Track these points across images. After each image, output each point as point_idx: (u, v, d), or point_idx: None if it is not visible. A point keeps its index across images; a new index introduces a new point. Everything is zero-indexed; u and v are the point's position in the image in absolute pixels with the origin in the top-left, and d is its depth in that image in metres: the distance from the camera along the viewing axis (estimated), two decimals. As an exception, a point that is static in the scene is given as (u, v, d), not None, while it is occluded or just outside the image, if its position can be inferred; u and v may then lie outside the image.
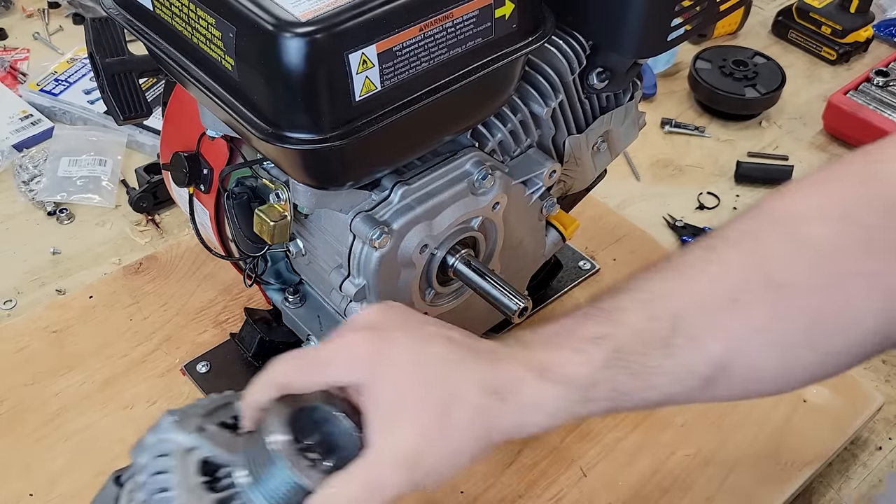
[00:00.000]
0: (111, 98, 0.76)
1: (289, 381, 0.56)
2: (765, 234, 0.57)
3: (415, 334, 0.56)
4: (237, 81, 0.62)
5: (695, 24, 0.76)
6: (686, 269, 0.58)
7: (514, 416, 0.55)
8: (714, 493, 0.84)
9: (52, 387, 0.90)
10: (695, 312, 0.56)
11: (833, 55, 1.47)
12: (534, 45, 0.69)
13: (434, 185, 0.74)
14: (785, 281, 0.55)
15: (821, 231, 0.56)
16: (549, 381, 0.54)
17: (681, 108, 1.38)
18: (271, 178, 0.74)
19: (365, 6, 0.59)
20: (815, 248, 0.56)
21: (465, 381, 0.54)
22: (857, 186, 0.57)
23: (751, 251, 0.57)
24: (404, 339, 0.56)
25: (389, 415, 0.54)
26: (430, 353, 0.55)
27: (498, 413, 0.54)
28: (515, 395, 0.54)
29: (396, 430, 0.53)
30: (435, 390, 0.54)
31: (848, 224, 0.56)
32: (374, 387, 0.54)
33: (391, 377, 0.54)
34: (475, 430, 0.54)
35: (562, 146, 0.84)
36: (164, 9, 0.66)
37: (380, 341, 0.55)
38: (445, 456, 0.54)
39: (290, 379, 0.56)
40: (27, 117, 1.27)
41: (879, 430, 0.95)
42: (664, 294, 0.57)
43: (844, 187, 0.58)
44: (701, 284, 0.57)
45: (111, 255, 1.10)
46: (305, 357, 0.57)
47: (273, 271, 0.88)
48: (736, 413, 0.90)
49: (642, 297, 0.57)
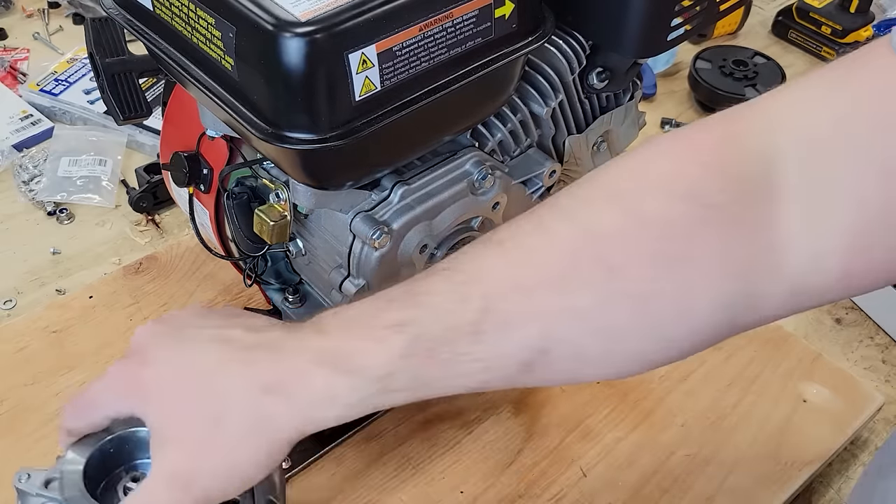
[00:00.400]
0: (111, 98, 0.76)
1: (70, 427, 0.58)
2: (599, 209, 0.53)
3: (182, 349, 0.55)
4: (237, 81, 0.62)
5: (695, 24, 0.76)
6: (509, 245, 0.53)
7: (301, 412, 0.52)
8: (714, 494, 0.84)
9: (52, 387, 0.90)
10: (511, 293, 0.52)
11: (833, 55, 1.46)
12: (534, 45, 0.69)
13: (434, 185, 0.74)
14: (616, 263, 0.51)
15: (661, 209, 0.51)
16: (342, 373, 0.51)
17: (681, 108, 1.38)
18: (271, 178, 0.74)
19: (365, 6, 0.59)
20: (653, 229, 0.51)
21: (236, 387, 0.52)
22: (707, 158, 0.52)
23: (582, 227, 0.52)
24: (168, 357, 0.55)
25: (159, 437, 0.53)
26: (196, 365, 0.54)
27: (279, 412, 0.52)
28: (300, 391, 0.52)
29: (166, 451, 0.52)
30: (203, 403, 0.52)
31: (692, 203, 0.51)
32: (147, 413, 0.54)
33: (156, 400, 0.53)
34: (254, 437, 0.52)
35: (562, 146, 0.84)
36: (163, 9, 0.66)
37: (140, 367, 0.55)
38: (223, 470, 0.52)
39: (71, 424, 0.58)
40: (27, 117, 1.27)
41: (879, 431, 0.95)
42: (480, 273, 0.53)
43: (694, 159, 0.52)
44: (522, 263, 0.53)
45: (111, 255, 1.10)
46: (78, 401, 0.58)
47: (273, 271, 0.88)
48: (736, 413, 0.90)
49: (456, 279, 0.53)
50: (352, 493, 0.83)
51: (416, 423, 0.89)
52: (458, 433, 0.88)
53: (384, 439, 0.87)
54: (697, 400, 0.91)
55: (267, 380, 0.52)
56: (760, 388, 0.92)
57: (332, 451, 0.86)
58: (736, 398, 0.91)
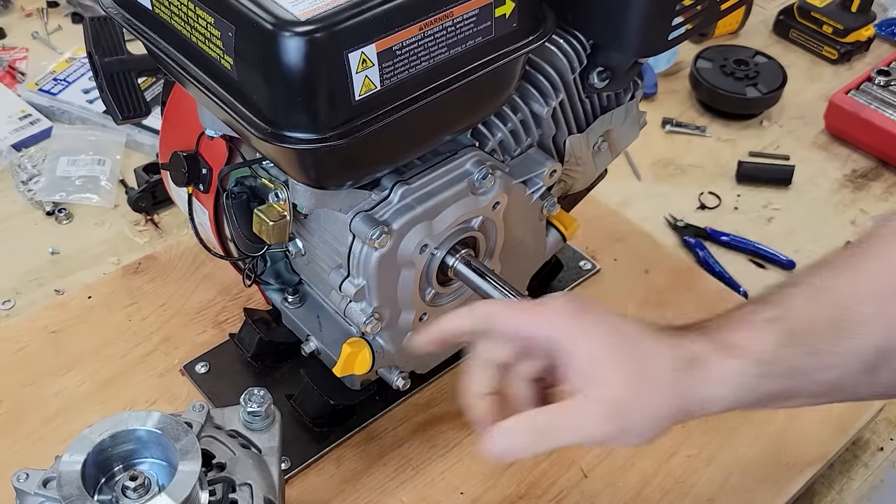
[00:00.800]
0: (110, 97, 0.76)
1: (497, 316, 0.63)
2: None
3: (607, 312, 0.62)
4: (236, 81, 0.62)
5: (696, 24, 0.76)
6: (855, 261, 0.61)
7: (703, 388, 0.59)
8: (715, 495, 0.84)
9: (50, 387, 0.90)
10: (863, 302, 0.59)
11: (834, 54, 1.46)
12: (534, 44, 0.68)
13: (434, 184, 0.74)
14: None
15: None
16: (732, 357, 0.59)
17: (682, 107, 1.38)
18: (270, 178, 0.74)
19: (365, 5, 0.59)
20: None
21: (657, 353, 0.59)
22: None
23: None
24: (600, 313, 0.62)
25: (591, 372, 0.59)
26: (623, 326, 0.61)
27: (689, 384, 0.59)
28: (703, 369, 0.58)
29: (601, 385, 0.58)
30: (632, 356, 0.59)
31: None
32: (576, 346, 0.59)
33: (592, 339, 0.60)
34: (671, 395, 0.59)
35: (562, 146, 0.83)
36: (163, 8, 0.65)
37: (580, 310, 0.61)
38: (647, 415, 0.59)
39: (499, 315, 0.63)
40: (26, 117, 1.26)
41: (881, 431, 0.95)
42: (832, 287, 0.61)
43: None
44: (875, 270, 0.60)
45: (110, 255, 1.10)
46: (517, 304, 0.64)
47: (272, 271, 0.87)
48: (737, 414, 0.90)
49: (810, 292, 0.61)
50: (352, 494, 0.83)
51: (416, 424, 0.89)
52: (458, 434, 0.88)
53: (384, 440, 0.87)
54: (698, 400, 0.91)
55: (681, 355, 0.59)
56: (762, 388, 0.92)
57: (332, 452, 0.86)
58: (737, 399, 0.91)
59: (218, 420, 0.69)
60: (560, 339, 0.60)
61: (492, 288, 0.75)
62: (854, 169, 1.29)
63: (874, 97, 1.30)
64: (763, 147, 1.31)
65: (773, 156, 1.29)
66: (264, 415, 0.69)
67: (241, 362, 0.92)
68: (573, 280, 1.02)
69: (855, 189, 1.26)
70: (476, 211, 0.76)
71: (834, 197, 1.24)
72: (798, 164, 1.26)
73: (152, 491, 0.61)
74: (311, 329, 0.85)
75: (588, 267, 1.04)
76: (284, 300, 0.86)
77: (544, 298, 0.63)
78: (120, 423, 0.62)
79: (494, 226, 0.79)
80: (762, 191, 1.24)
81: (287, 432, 0.74)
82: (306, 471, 0.84)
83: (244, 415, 0.69)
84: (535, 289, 0.98)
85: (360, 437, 0.87)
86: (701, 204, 1.22)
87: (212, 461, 0.65)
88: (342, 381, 0.84)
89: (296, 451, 0.84)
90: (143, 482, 0.60)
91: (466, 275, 0.76)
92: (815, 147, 1.32)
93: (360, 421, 0.87)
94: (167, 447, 0.62)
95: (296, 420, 0.86)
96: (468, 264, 0.76)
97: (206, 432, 0.66)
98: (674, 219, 1.19)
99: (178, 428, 0.62)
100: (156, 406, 0.89)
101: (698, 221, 1.18)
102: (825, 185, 1.26)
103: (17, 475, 0.62)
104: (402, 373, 0.82)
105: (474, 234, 0.78)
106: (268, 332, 0.90)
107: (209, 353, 0.93)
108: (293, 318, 0.86)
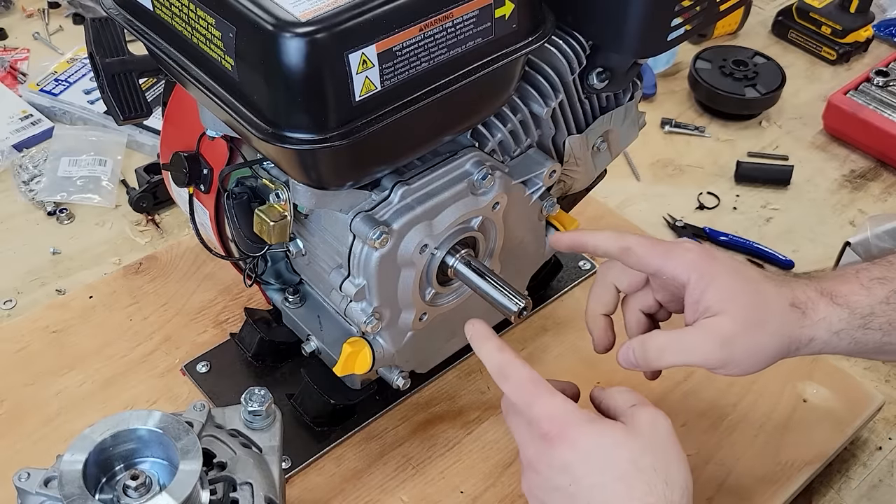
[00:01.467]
0: (111, 98, 0.76)
1: (640, 249, 0.71)
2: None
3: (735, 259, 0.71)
4: (237, 81, 0.62)
5: (695, 24, 0.76)
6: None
7: (809, 328, 0.67)
8: (714, 494, 0.84)
9: (51, 387, 0.90)
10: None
11: (833, 55, 1.47)
12: (534, 45, 0.69)
13: (434, 185, 0.74)
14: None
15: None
16: (836, 304, 0.67)
17: (681, 108, 1.38)
18: (271, 178, 0.74)
19: (365, 6, 0.59)
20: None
21: (773, 292, 0.68)
22: None
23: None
24: (726, 255, 0.71)
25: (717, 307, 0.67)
26: (745, 268, 0.70)
27: (798, 324, 0.67)
28: (810, 311, 0.67)
29: (722, 319, 0.66)
30: (751, 292, 0.67)
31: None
32: (706, 284, 0.67)
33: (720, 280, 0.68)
34: (779, 334, 0.67)
35: (562, 146, 0.84)
36: (164, 9, 0.66)
37: (708, 252, 0.70)
38: (752, 347, 0.66)
39: (643, 248, 0.71)
40: (27, 117, 1.27)
41: (879, 431, 0.95)
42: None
43: None
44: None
45: (111, 255, 1.10)
46: (658, 244, 0.71)
47: (273, 271, 0.88)
48: (736, 413, 0.90)
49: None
50: (352, 493, 0.83)
51: (416, 423, 0.89)
52: (458, 433, 0.88)
53: (384, 439, 0.87)
54: (698, 400, 0.91)
55: (792, 297, 0.68)
56: (760, 388, 0.92)
57: (332, 451, 0.86)
58: (736, 398, 0.91)
59: (219, 419, 0.69)
60: (693, 277, 0.68)
61: (492, 288, 0.75)
62: (853, 169, 1.29)
63: (873, 98, 1.30)
64: (762, 147, 1.31)
65: (772, 156, 1.30)
66: (265, 414, 0.69)
67: (242, 362, 0.92)
68: (572, 280, 1.02)
69: (853, 189, 1.26)
70: (476, 211, 0.77)
71: (833, 197, 1.25)
72: (797, 165, 1.27)
73: (153, 490, 0.61)
74: (312, 329, 0.85)
75: (587, 267, 1.04)
76: (285, 300, 0.87)
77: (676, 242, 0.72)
78: (121, 423, 0.63)
79: (494, 226, 0.80)
80: (761, 191, 1.25)
81: (288, 431, 0.75)
82: (307, 470, 0.84)
83: (245, 414, 0.69)
84: (535, 289, 0.98)
85: (361, 437, 0.87)
86: (700, 204, 1.22)
87: (213, 460, 0.65)
88: (342, 381, 0.84)
89: (296, 450, 0.84)
90: (144, 481, 0.61)
91: (466, 275, 0.76)
92: (813, 147, 1.32)
93: (361, 420, 0.88)
94: (168, 446, 0.62)
95: (296, 419, 0.86)
96: (468, 264, 0.77)
97: (206, 432, 0.66)
98: (673, 219, 1.19)
99: (179, 427, 0.62)
100: (157, 405, 0.89)
101: (697, 221, 1.19)
102: (824, 186, 1.26)
103: (19, 474, 0.63)
104: (403, 372, 0.83)
105: (474, 234, 0.78)
106: (268, 331, 0.90)
107: (210, 353, 0.93)
108: (294, 318, 0.87)
